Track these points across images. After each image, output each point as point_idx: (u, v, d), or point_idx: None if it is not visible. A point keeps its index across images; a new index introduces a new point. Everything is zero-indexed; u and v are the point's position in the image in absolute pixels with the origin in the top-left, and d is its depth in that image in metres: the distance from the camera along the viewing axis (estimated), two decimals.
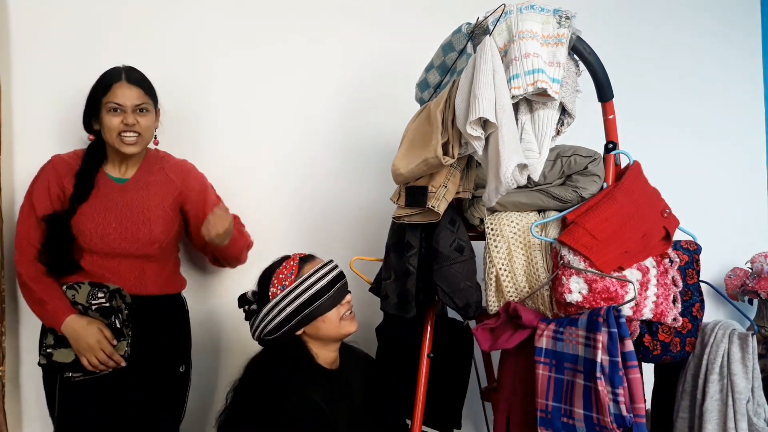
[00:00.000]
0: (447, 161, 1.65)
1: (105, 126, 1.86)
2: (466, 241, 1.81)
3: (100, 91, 1.86)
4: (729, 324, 1.79)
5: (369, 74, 2.56)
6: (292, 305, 1.60)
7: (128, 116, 1.85)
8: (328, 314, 1.62)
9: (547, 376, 1.66)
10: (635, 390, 1.51)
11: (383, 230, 1.99)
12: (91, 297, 1.79)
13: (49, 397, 1.82)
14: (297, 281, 1.60)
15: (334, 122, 2.50)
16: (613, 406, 1.50)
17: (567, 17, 1.66)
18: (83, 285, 1.80)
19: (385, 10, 2.61)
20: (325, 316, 1.62)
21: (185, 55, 2.26)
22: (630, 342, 1.53)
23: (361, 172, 2.53)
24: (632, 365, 1.52)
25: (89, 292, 1.79)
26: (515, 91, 1.60)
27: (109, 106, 1.85)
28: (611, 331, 1.52)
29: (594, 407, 1.54)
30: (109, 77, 1.88)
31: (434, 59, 1.89)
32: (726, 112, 3.35)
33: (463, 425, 2.06)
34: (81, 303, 1.78)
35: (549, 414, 1.64)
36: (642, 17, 3.16)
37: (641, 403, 1.51)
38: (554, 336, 1.66)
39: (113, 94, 1.85)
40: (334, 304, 1.62)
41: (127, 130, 1.86)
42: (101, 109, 1.86)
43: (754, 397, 1.71)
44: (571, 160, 1.80)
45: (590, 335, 1.56)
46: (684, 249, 1.79)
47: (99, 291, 1.79)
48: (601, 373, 1.52)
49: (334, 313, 1.62)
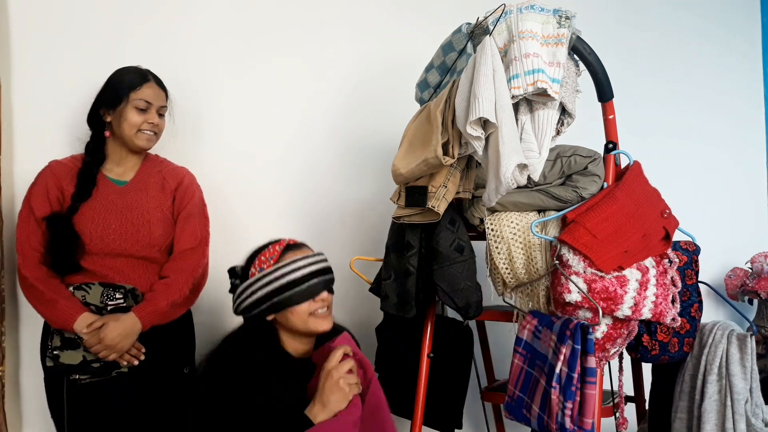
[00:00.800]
0: (447, 161, 1.65)
1: (126, 120, 1.87)
2: (466, 241, 1.81)
3: (128, 87, 1.87)
4: (727, 325, 1.79)
5: (368, 74, 2.56)
6: (264, 290, 1.56)
7: (152, 115, 1.89)
8: (298, 307, 1.54)
9: (520, 367, 1.73)
10: (587, 405, 1.55)
11: (383, 230, 1.99)
12: (106, 297, 1.78)
13: (53, 400, 1.81)
14: (274, 267, 1.56)
15: (334, 122, 2.50)
16: (560, 415, 1.56)
17: (567, 17, 1.67)
18: (93, 285, 1.79)
19: (384, 11, 2.62)
20: (294, 308, 1.54)
21: (187, 57, 2.26)
22: (593, 359, 1.56)
23: (361, 173, 2.53)
24: (591, 381, 1.55)
25: (103, 292, 1.78)
26: (515, 91, 1.60)
27: (138, 103, 1.87)
28: (574, 347, 1.56)
29: (546, 410, 1.60)
30: (138, 75, 1.90)
31: (434, 59, 1.90)
32: (726, 113, 3.35)
33: (464, 425, 2.06)
34: (94, 303, 1.77)
35: (513, 402, 1.73)
36: (641, 22, 3.16)
37: (590, 419, 1.56)
38: (534, 332, 1.71)
39: (144, 93, 1.88)
40: (306, 298, 1.54)
41: (147, 129, 1.89)
42: (125, 103, 1.87)
43: (752, 398, 1.71)
44: (571, 160, 1.80)
45: (558, 344, 1.60)
46: (683, 249, 1.79)
47: (116, 291, 1.78)
48: (557, 383, 1.57)
49: (305, 307, 1.55)
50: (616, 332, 1.65)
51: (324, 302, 1.57)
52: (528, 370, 1.71)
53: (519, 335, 1.74)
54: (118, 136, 1.89)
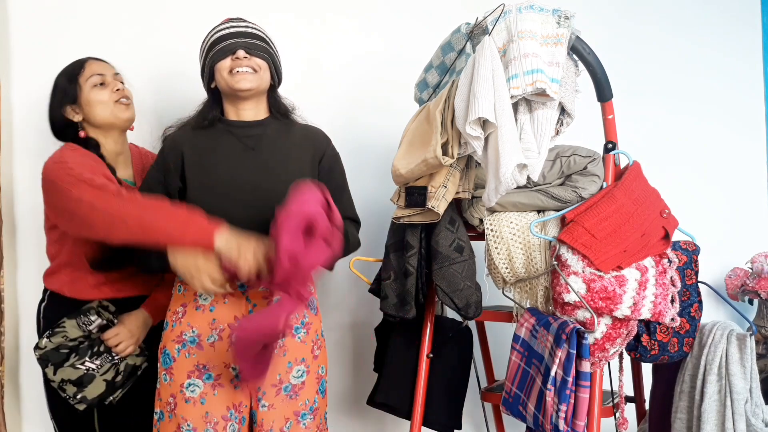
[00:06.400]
0: (446, 161, 1.65)
1: (93, 101, 1.74)
2: (465, 241, 1.82)
3: (72, 76, 1.75)
4: (727, 324, 1.79)
5: (368, 75, 2.56)
6: (203, 56, 1.70)
7: (114, 83, 1.77)
8: (220, 64, 1.64)
9: (517, 364, 1.75)
10: (580, 409, 1.59)
11: (383, 230, 1.99)
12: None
13: (54, 402, 1.80)
14: (210, 30, 1.69)
15: (333, 123, 2.49)
16: (555, 417, 1.58)
17: (566, 17, 1.67)
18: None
19: (384, 11, 2.62)
20: (218, 66, 1.65)
21: (185, 55, 2.26)
22: (587, 363, 1.58)
23: (360, 173, 2.53)
24: (584, 385, 1.58)
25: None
26: (514, 91, 1.60)
27: (93, 80, 1.75)
28: (570, 352, 1.57)
29: (542, 410, 1.62)
30: (74, 63, 1.79)
31: (433, 59, 1.89)
32: (726, 113, 3.35)
33: (463, 425, 2.06)
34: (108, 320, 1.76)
35: (511, 398, 1.76)
36: (640, 22, 3.16)
37: (582, 422, 1.59)
38: (532, 331, 1.72)
39: (90, 69, 1.76)
40: (226, 54, 1.64)
41: (117, 98, 1.76)
42: (80, 89, 1.74)
43: (752, 398, 1.71)
44: (570, 160, 1.80)
45: (554, 346, 1.61)
46: (683, 249, 1.79)
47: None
48: (552, 385, 1.59)
49: (227, 63, 1.64)
50: (615, 332, 1.65)
51: (243, 61, 1.64)
52: (525, 369, 1.73)
53: (517, 332, 1.75)
54: (98, 124, 1.76)
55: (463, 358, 2.03)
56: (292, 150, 1.73)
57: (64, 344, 1.69)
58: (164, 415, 1.63)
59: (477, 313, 1.80)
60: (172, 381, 1.62)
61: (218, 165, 1.67)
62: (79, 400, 1.70)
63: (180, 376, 1.61)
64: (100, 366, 1.72)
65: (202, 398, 1.60)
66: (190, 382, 1.60)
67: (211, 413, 1.60)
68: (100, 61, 1.81)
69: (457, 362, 2.01)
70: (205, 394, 1.61)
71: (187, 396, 1.60)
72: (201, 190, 1.64)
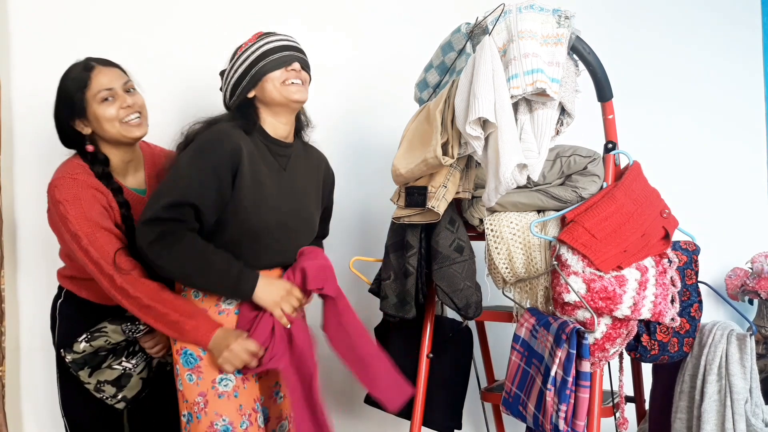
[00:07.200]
0: (446, 161, 1.65)
1: (102, 118, 1.64)
2: (465, 242, 1.82)
3: (77, 88, 1.65)
4: (727, 324, 1.79)
5: (368, 74, 2.56)
6: (244, 64, 1.66)
7: (122, 98, 1.67)
8: (272, 74, 1.64)
9: (517, 364, 1.76)
10: (580, 408, 1.59)
11: (383, 230, 1.99)
12: (129, 331, 1.73)
13: (70, 401, 1.78)
14: (250, 44, 1.67)
15: (334, 122, 2.50)
16: (555, 417, 1.59)
17: (566, 17, 1.67)
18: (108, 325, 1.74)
19: (384, 11, 2.62)
20: (268, 76, 1.64)
21: (187, 56, 2.26)
22: (587, 363, 1.58)
23: (360, 173, 2.53)
24: (584, 385, 1.59)
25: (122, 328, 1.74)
26: (514, 91, 1.60)
27: (100, 95, 1.64)
28: (570, 352, 1.58)
29: (542, 410, 1.62)
30: (81, 69, 1.68)
31: (433, 59, 1.90)
32: (726, 112, 3.35)
33: (463, 425, 2.06)
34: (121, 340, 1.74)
35: (511, 398, 1.76)
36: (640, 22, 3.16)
37: (582, 421, 1.60)
38: (532, 331, 1.72)
39: (97, 83, 1.65)
40: (280, 65, 1.64)
41: (127, 114, 1.67)
42: (87, 105, 1.65)
43: (752, 398, 1.71)
44: (570, 160, 1.80)
45: (554, 347, 1.61)
46: (683, 249, 1.79)
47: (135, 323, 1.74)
48: (552, 386, 1.60)
49: (279, 74, 1.64)
50: (615, 332, 1.65)
51: (296, 73, 1.67)
52: (525, 369, 1.73)
53: (517, 332, 1.76)
54: (107, 139, 1.69)
55: (463, 358, 2.03)
56: (312, 173, 1.78)
57: (104, 347, 1.69)
58: (192, 416, 1.60)
59: (477, 313, 1.80)
60: (200, 380, 1.60)
61: (265, 181, 1.64)
62: (120, 400, 1.71)
63: (210, 373, 1.60)
64: (135, 365, 1.73)
65: (236, 392, 1.61)
66: (222, 377, 1.60)
67: (244, 406, 1.61)
68: (108, 67, 1.70)
69: (457, 362, 2.01)
70: (237, 388, 1.61)
71: (221, 391, 1.60)
72: (253, 208, 1.61)
